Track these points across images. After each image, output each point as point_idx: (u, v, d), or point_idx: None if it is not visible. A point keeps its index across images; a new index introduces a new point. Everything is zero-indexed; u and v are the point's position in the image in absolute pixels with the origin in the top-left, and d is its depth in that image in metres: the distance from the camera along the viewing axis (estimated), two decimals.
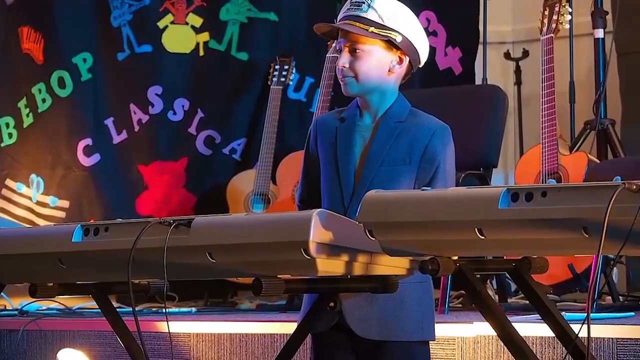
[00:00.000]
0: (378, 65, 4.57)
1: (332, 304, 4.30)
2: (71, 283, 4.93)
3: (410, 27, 4.56)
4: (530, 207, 3.45)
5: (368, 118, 4.72)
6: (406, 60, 4.59)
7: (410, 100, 7.80)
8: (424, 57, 4.72)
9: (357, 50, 4.53)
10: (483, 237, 3.53)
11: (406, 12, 4.60)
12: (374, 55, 4.57)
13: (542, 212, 3.41)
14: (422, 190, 3.77)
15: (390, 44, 4.52)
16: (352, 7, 4.61)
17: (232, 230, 4.15)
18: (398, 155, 4.63)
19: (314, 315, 4.57)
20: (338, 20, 4.73)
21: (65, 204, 8.91)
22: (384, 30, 4.49)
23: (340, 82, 4.56)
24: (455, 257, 3.78)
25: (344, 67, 4.53)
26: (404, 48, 4.54)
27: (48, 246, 4.57)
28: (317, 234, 3.84)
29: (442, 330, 5.78)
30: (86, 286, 4.81)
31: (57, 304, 7.14)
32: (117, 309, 4.76)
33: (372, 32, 4.48)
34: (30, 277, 4.93)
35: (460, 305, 6.50)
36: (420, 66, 4.78)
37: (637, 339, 5.23)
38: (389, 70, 4.60)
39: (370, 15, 4.51)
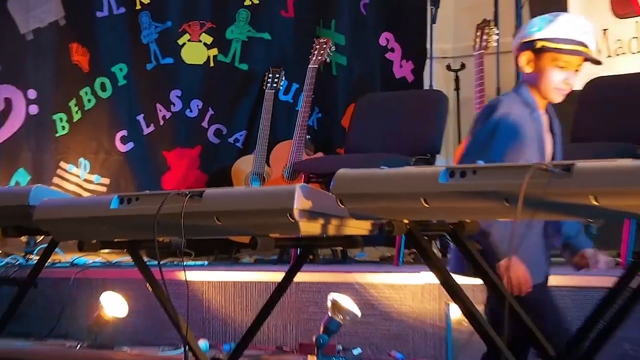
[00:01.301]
0: None
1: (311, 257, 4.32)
2: (110, 241, 4.94)
3: None
4: (463, 182, 3.48)
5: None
6: None
7: (372, 101, 7.85)
8: None
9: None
10: (427, 205, 3.56)
11: None
12: None
13: (473, 186, 3.44)
14: (381, 168, 3.79)
15: None
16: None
17: (234, 200, 4.21)
18: None
19: (298, 266, 4.59)
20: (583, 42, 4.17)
21: (106, 181, 8.90)
22: None
23: (562, 95, 4.26)
24: (407, 221, 3.79)
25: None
26: None
27: (93, 212, 4.59)
28: (300, 203, 3.88)
29: (397, 278, 5.79)
30: (122, 243, 4.83)
31: (100, 257, 7.14)
32: (146, 262, 4.76)
33: None
34: (79, 235, 4.94)
35: (412, 260, 6.49)
36: None
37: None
38: None
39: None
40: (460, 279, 4.04)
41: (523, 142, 4.03)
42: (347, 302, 5.59)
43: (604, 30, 7.34)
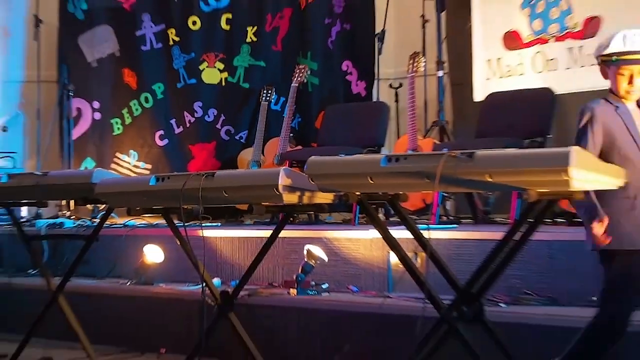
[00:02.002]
0: None
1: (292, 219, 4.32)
2: (150, 208, 4.94)
3: None
4: (397, 165, 3.49)
5: None
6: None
7: (337, 110, 7.84)
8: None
9: None
10: (372, 182, 3.57)
11: None
12: None
13: (404, 168, 3.46)
14: (340, 156, 3.80)
15: None
16: None
17: (237, 178, 4.23)
18: None
19: (282, 226, 4.59)
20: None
21: (149, 167, 8.87)
22: None
23: (633, 94, 3.76)
24: (359, 193, 3.80)
25: None
26: None
27: (137, 187, 4.60)
28: (283, 180, 3.90)
29: (353, 234, 5.78)
30: (158, 210, 4.82)
31: (143, 220, 7.12)
32: (176, 223, 4.75)
33: None
34: (128, 204, 4.95)
35: (364, 222, 6.48)
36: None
37: (457, 239, 5.26)
38: None
39: None
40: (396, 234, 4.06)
41: (610, 128, 3.73)
42: (318, 251, 5.59)
43: (498, 58, 7.34)
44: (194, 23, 8.95)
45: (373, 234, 5.55)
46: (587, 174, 3.20)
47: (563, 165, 3.06)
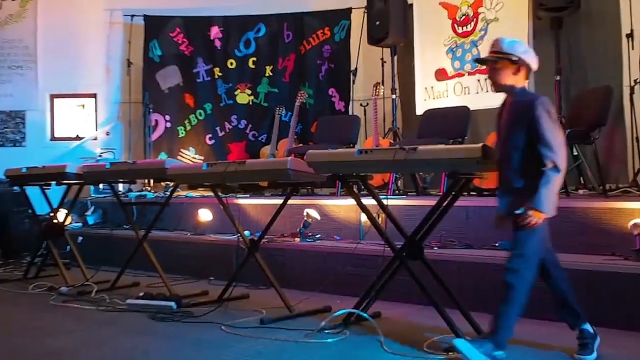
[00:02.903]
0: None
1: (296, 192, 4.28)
2: (202, 184, 4.88)
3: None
4: (365, 156, 3.42)
5: None
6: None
7: (325, 120, 7.77)
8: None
9: None
10: (350, 167, 3.50)
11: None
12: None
13: (369, 157, 3.38)
14: (329, 150, 3.73)
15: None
16: None
17: (260, 165, 4.15)
18: None
19: (290, 196, 4.53)
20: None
21: (202, 158, 8.78)
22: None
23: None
24: (340, 174, 3.74)
25: None
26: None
27: (195, 170, 4.54)
28: (290, 165, 3.81)
29: (337, 202, 5.73)
30: (208, 185, 4.76)
31: (199, 192, 7.05)
32: (221, 195, 4.69)
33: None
34: (189, 181, 4.88)
35: (343, 193, 6.42)
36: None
37: (405, 205, 5.21)
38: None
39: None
40: (366, 201, 4.01)
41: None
42: (314, 213, 5.54)
43: (432, 86, 7.30)
44: (231, 63, 8.87)
45: (350, 201, 5.51)
46: (490, 162, 3.17)
47: (476, 156, 3.03)
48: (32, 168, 5.81)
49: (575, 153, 5.52)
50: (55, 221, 5.92)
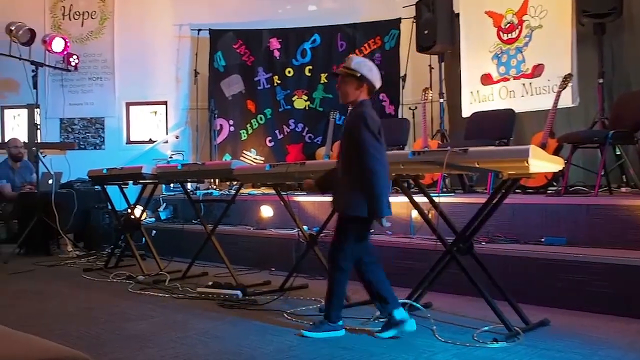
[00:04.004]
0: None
1: None
2: (265, 183, 4.91)
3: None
4: (418, 157, 3.38)
5: None
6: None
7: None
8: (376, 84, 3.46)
9: None
10: (403, 167, 3.47)
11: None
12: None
13: (424, 158, 3.35)
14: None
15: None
16: None
17: (318, 166, 4.13)
18: None
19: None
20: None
21: (263, 159, 8.88)
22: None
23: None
24: (394, 174, 3.71)
25: None
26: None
27: (258, 170, 4.55)
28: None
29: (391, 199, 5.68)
30: (270, 185, 4.77)
31: (261, 190, 7.09)
32: (282, 193, 4.70)
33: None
34: (252, 181, 4.91)
35: (393, 191, 6.37)
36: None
37: (453, 202, 5.13)
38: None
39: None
40: (418, 199, 3.96)
41: None
42: None
43: (477, 90, 7.18)
44: (289, 72, 8.92)
45: (400, 199, 5.44)
46: (538, 162, 3.10)
47: (525, 157, 2.96)
48: (111, 169, 5.95)
49: (618, 152, 5.37)
50: (132, 217, 6.05)
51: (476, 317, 3.71)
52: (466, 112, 7.21)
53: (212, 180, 8.23)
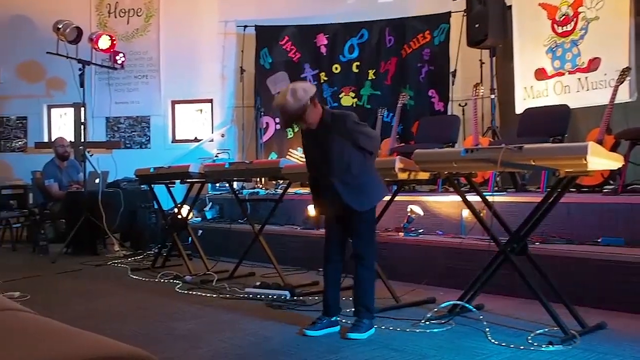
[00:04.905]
0: None
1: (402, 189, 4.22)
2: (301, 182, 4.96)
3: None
4: (471, 155, 3.40)
5: None
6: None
7: (425, 120, 7.67)
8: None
9: None
10: (456, 165, 3.49)
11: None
12: None
13: (477, 156, 3.36)
14: (434, 149, 3.73)
15: None
16: None
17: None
18: None
19: (397, 193, 4.52)
20: None
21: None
22: None
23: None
24: (446, 172, 3.73)
25: None
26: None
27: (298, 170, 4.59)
28: (398, 164, 3.85)
29: (439, 198, 5.67)
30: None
31: (303, 189, 7.14)
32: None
33: None
34: (301, 179, 4.97)
35: (443, 189, 6.37)
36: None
37: (505, 201, 5.11)
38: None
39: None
40: (471, 198, 3.97)
41: None
42: (417, 209, 5.53)
43: (531, 86, 7.11)
44: (336, 68, 8.96)
45: (451, 198, 5.47)
46: (597, 159, 3.08)
47: (583, 154, 2.95)
48: (158, 168, 6.09)
49: None
50: (179, 216, 6.18)
51: (530, 320, 3.71)
52: (519, 108, 7.14)
53: (258, 179, 8.34)
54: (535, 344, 3.25)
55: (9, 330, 1.31)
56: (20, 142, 9.99)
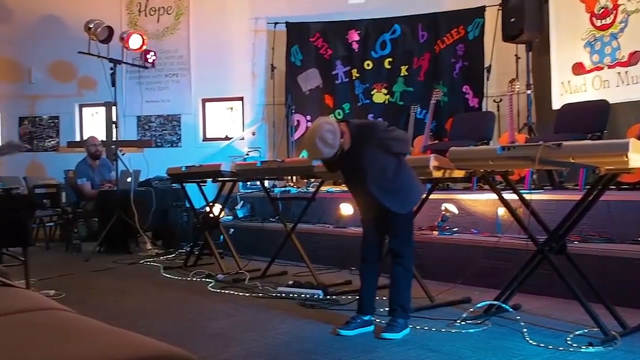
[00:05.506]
0: None
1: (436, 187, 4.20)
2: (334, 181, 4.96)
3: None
4: (508, 152, 3.38)
5: None
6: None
7: (459, 117, 7.60)
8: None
9: None
10: (492, 163, 3.47)
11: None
12: None
13: (514, 153, 3.34)
14: (470, 147, 3.72)
15: None
16: None
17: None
18: None
19: (431, 191, 4.50)
20: None
21: None
22: None
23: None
24: (482, 170, 3.71)
25: None
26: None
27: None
28: (433, 162, 3.84)
29: (473, 196, 5.65)
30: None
31: (340, 188, 7.15)
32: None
33: None
34: (334, 178, 4.97)
35: (478, 187, 6.33)
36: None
37: (542, 199, 5.06)
38: None
39: None
40: (507, 196, 3.94)
41: None
42: (451, 207, 5.51)
43: (569, 81, 7.03)
44: (368, 65, 8.95)
45: (486, 196, 5.43)
46: (638, 156, 3.04)
47: (624, 151, 2.92)
48: (190, 167, 6.15)
49: None
50: (211, 215, 6.24)
51: (569, 320, 3.68)
52: (556, 103, 7.07)
53: (289, 177, 8.37)
54: (574, 345, 3.23)
55: (53, 329, 1.35)
56: (52, 142, 10.19)
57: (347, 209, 6.47)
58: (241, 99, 9.78)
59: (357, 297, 3.83)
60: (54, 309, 1.59)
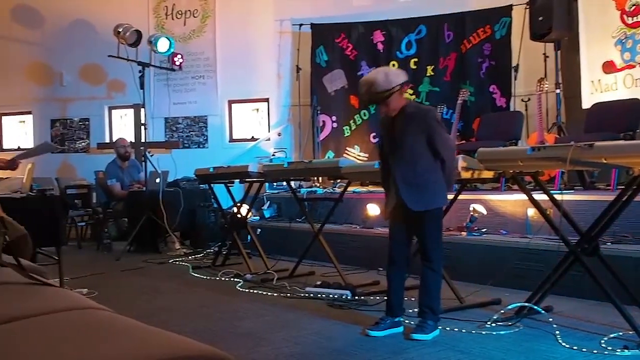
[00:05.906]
0: None
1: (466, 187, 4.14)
2: (373, 181, 4.94)
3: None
4: (538, 153, 3.34)
5: None
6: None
7: (487, 117, 7.54)
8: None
9: None
10: (522, 164, 3.43)
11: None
12: None
13: (544, 154, 3.29)
14: (499, 148, 3.68)
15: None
16: None
17: None
18: None
19: (460, 192, 4.47)
20: None
21: (367, 155, 8.89)
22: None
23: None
24: (512, 171, 3.67)
25: None
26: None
27: (364, 169, 4.59)
28: (461, 163, 3.80)
29: (502, 197, 5.60)
30: (376, 182, 4.81)
31: (366, 188, 7.13)
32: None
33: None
34: (358, 179, 4.96)
35: (506, 188, 6.25)
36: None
37: (573, 200, 4.99)
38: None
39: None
40: (537, 196, 3.89)
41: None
42: (480, 208, 5.46)
43: (599, 80, 6.93)
44: (393, 65, 8.86)
45: (515, 196, 5.38)
46: None
47: None
48: (218, 167, 6.19)
49: None
50: (238, 215, 6.27)
51: (602, 323, 3.62)
52: (586, 103, 6.96)
53: (315, 178, 8.37)
54: (609, 348, 3.17)
55: (93, 327, 1.35)
56: (83, 143, 10.30)
57: (374, 209, 6.44)
58: (267, 100, 9.80)
59: (385, 297, 3.81)
60: (92, 308, 1.60)
